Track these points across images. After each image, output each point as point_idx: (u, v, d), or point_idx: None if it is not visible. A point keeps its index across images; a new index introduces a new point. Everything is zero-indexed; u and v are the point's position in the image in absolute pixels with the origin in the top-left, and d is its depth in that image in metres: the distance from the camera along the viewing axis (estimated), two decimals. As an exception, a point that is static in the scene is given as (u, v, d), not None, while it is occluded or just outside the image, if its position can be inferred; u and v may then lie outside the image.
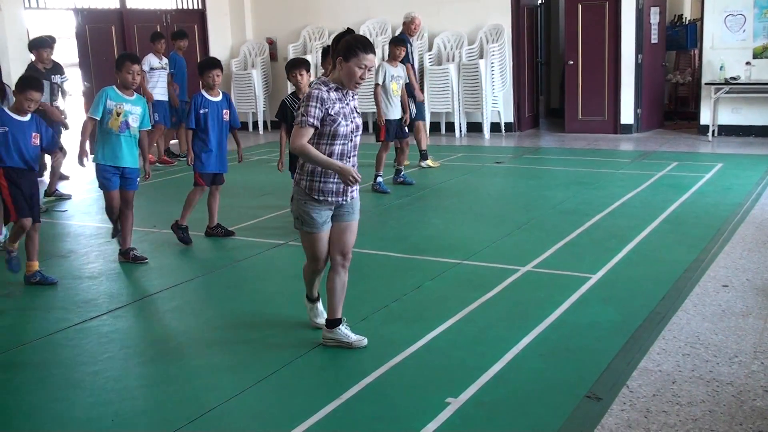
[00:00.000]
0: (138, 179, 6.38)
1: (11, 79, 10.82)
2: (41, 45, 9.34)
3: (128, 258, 6.38)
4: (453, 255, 6.14)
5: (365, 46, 4.14)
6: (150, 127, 6.54)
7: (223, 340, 4.69)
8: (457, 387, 3.86)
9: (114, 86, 6.23)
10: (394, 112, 8.84)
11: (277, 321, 4.94)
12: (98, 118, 6.17)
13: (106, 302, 5.47)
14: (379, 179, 8.79)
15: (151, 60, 10.98)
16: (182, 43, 11.69)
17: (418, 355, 4.31)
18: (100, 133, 6.23)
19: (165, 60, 11.11)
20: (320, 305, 4.79)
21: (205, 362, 4.39)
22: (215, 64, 6.89)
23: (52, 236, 7.34)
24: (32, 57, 9.20)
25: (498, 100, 12.96)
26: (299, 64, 6.87)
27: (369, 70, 4.20)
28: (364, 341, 4.46)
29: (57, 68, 9.69)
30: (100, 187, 6.37)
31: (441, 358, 4.28)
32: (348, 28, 4.50)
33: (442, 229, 7.21)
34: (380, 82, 8.72)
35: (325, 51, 6.97)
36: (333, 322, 4.47)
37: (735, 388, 3.77)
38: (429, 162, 10.16)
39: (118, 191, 6.29)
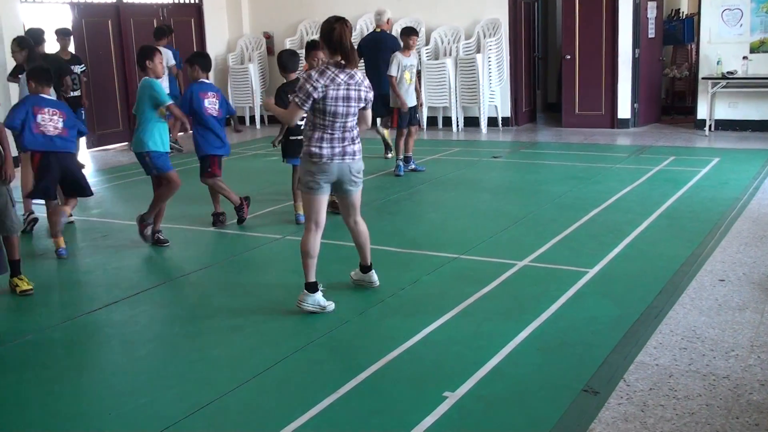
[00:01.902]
0: None
1: (6, 74, 10.79)
2: (66, 33, 10.16)
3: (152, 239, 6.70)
4: (450, 249, 6.14)
5: None
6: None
7: (219, 335, 4.69)
8: (455, 381, 3.86)
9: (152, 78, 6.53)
10: (407, 101, 9.17)
11: (274, 316, 4.94)
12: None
13: (103, 296, 5.46)
14: (400, 164, 9.31)
15: None
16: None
17: (415, 349, 4.32)
18: (151, 121, 6.44)
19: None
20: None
21: (202, 357, 4.39)
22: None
23: (43, 230, 7.32)
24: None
25: (495, 95, 12.96)
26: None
27: None
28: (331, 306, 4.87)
29: (75, 59, 10.20)
30: (159, 170, 6.56)
31: (438, 352, 4.28)
32: (339, 17, 4.65)
33: (439, 223, 7.21)
34: (394, 74, 9.09)
35: (310, 45, 7.05)
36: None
37: (731, 381, 3.78)
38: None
39: None
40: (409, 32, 9.19)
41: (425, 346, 4.36)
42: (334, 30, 4.61)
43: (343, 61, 4.67)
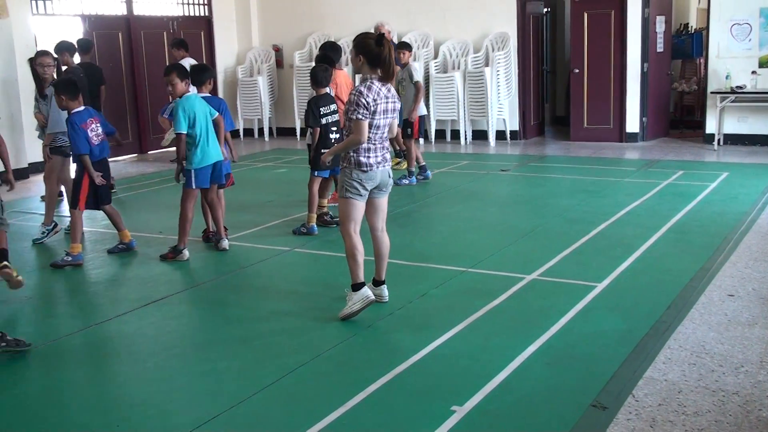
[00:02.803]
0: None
1: (19, 85, 10.88)
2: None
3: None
4: (458, 263, 6.14)
5: None
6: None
7: (227, 347, 4.69)
8: (463, 395, 3.86)
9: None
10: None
11: (282, 328, 4.95)
12: None
13: (111, 308, 5.48)
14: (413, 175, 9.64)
15: None
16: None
17: (423, 362, 4.31)
18: None
19: None
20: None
21: (210, 368, 4.39)
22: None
23: (57, 241, 7.37)
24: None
25: (503, 108, 12.97)
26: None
27: None
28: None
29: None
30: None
31: (446, 365, 4.27)
32: (380, 34, 4.89)
33: (447, 236, 7.21)
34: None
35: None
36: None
37: (741, 398, 3.76)
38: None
39: None
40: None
41: (433, 360, 4.35)
42: (384, 48, 4.84)
43: (383, 76, 4.90)
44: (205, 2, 14.67)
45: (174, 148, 11.75)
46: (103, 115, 7.14)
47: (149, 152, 13.51)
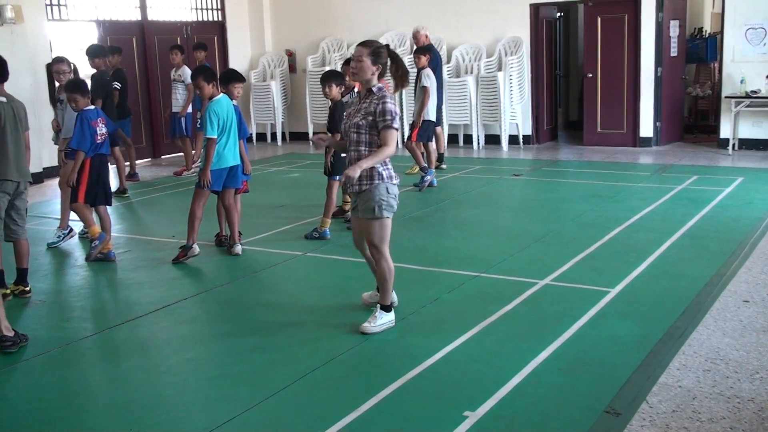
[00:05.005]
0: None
1: (33, 91, 10.94)
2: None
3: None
4: (471, 267, 6.12)
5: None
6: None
7: (240, 351, 4.70)
8: (475, 400, 3.85)
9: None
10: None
11: (294, 332, 4.95)
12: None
13: (125, 312, 5.49)
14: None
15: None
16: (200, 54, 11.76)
17: (435, 367, 4.30)
18: None
19: (178, 72, 11.25)
20: None
21: (222, 372, 4.40)
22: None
23: (69, 244, 7.41)
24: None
25: (516, 113, 12.95)
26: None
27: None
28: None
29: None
30: None
31: (459, 371, 4.26)
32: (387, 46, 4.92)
33: (460, 241, 7.20)
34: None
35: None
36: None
37: (756, 404, 3.73)
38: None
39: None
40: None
41: (446, 365, 4.34)
42: (395, 59, 4.81)
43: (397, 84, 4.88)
44: (219, 7, 14.73)
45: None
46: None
47: (162, 156, 13.57)
